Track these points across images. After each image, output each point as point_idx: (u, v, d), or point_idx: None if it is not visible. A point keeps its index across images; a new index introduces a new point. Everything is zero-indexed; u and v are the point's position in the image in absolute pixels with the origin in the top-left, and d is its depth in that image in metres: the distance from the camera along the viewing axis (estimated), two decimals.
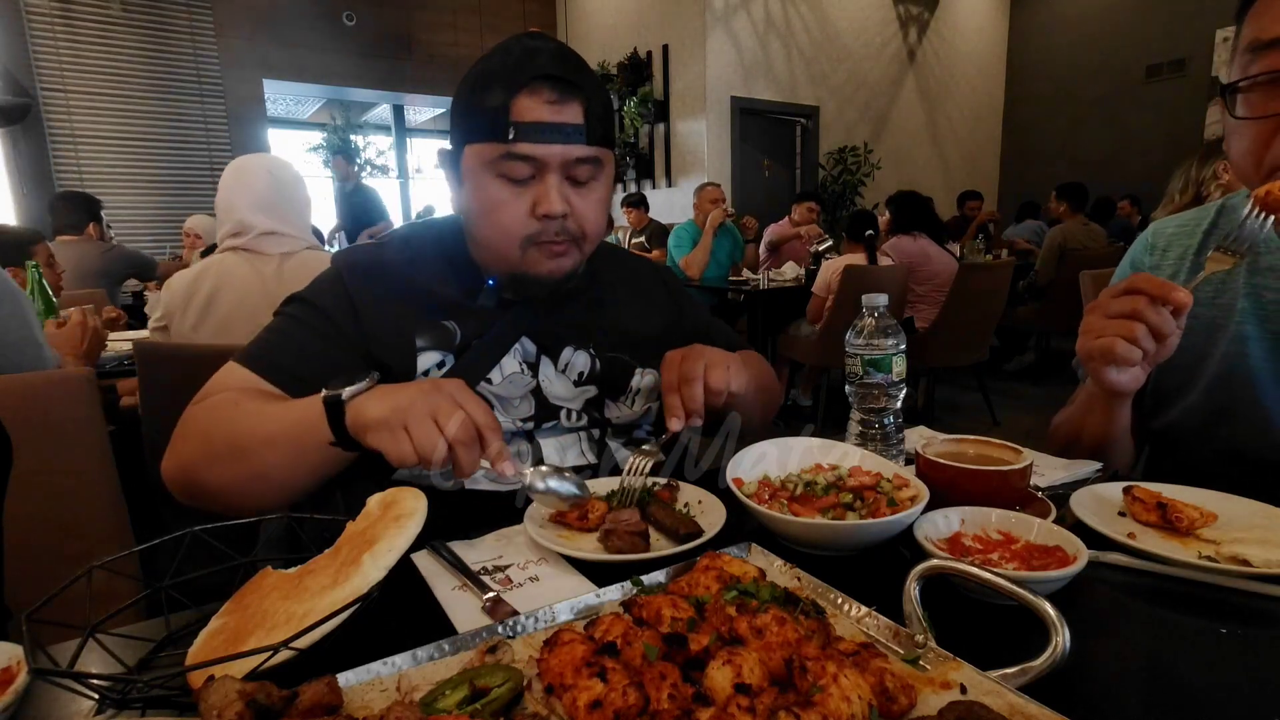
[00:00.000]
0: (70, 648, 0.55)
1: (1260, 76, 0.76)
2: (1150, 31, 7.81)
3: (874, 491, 0.76)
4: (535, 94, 0.85)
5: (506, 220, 0.89)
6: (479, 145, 0.88)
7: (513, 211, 0.88)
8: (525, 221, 0.89)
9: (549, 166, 0.87)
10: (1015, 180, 9.33)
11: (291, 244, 1.81)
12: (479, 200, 0.90)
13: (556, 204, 0.87)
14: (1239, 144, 0.82)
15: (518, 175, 0.87)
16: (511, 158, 0.86)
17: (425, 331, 0.93)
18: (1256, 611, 0.60)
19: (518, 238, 0.90)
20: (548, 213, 0.87)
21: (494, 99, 0.85)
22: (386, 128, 9.45)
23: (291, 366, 0.89)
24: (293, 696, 0.43)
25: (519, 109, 0.84)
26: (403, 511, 0.62)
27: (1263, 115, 0.76)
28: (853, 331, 0.97)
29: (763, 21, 7.02)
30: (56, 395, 1.06)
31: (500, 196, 0.88)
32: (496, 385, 0.96)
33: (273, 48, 6.86)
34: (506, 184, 0.88)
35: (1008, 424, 4.29)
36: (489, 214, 0.90)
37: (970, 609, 0.60)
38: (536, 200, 0.88)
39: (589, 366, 1.01)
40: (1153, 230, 1.09)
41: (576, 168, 0.89)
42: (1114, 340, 0.79)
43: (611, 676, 0.44)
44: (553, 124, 0.85)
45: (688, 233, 4.69)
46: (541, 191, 0.88)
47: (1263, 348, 0.92)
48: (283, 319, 0.95)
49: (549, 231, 0.89)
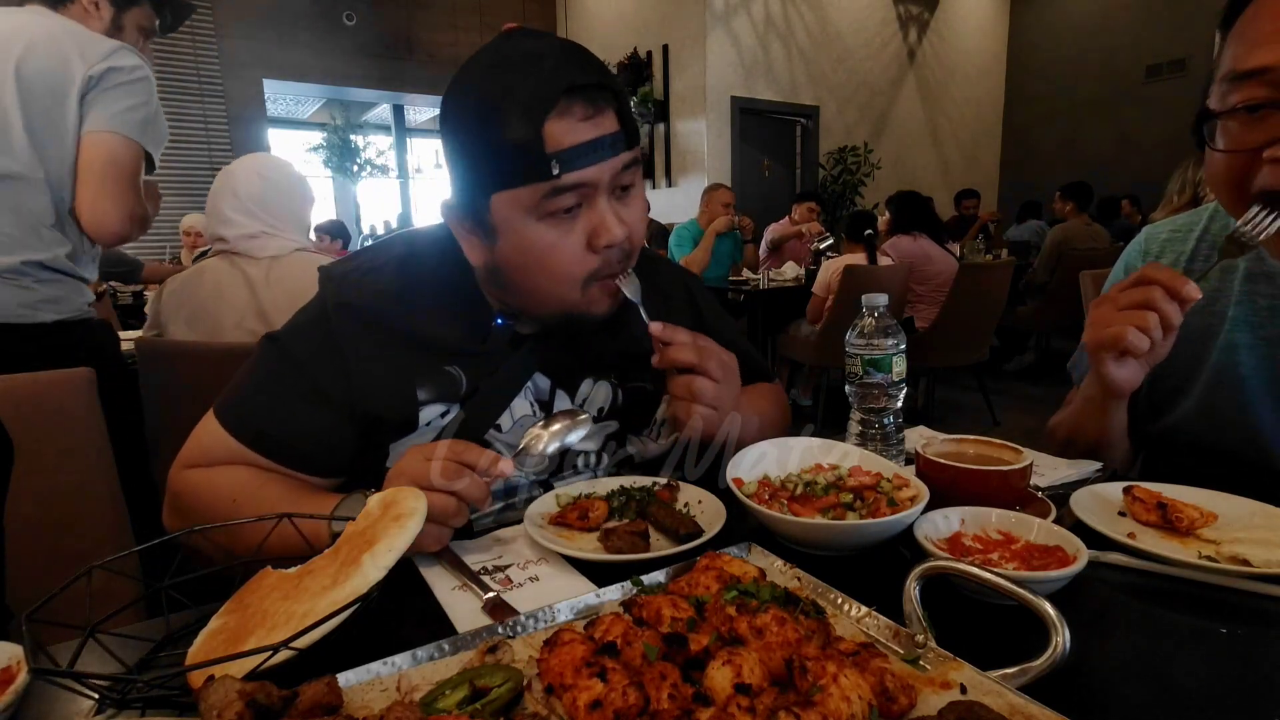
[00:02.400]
0: (70, 648, 0.55)
1: (1238, 108, 0.75)
2: (1150, 31, 7.82)
3: (874, 491, 0.76)
4: (566, 114, 0.73)
5: (563, 264, 0.78)
6: (513, 191, 0.75)
7: (568, 253, 0.77)
8: (584, 259, 0.78)
9: (599, 189, 0.77)
10: (1015, 180, 9.33)
11: (280, 245, 1.79)
12: (524, 249, 0.78)
13: (617, 228, 0.77)
14: (1218, 173, 0.81)
15: (566, 207, 0.76)
16: (558, 193, 0.74)
17: (427, 382, 0.84)
18: (1256, 611, 0.60)
19: (579, 280, 0.79)
20: (612, 242, 0.77)
21: (519, 130, 0.72)
22: (386, 127, 9.46)
23: (273, 434, 0.84)
24: (293, 696, 0.43)
25: (554, 137, 0.72)
26: (403, 511, 0.62)
27: (1240, 150, 0.76)
28: (853, 331, 0.97)
29: (763, 21, 7.02)
30: (56, 395, 1.06)
31: (550, 240, 0.77)
32: (506, 432, 0.89)
33: (273, 48, 6.87)
34: (554, 223, 0.76)
35: (1008, 424, 4.29)
36: (540, 260, 0.78)
37: (970, 609, 0.60)
38: (594, 231, 0.77)
39: (610, 399, 0.94)
40: (1146, 235, 1.10)
41: (622, 175, 0.79)
42: (1125, 329, 0.79)
43: (611, 676, 0.44)
44: (594, 141, 0.74)
45: (689, 232, 4.69)
46: (596, 219, 0.77)
47: (1254, 355, 0.93)
48: (261, 368, 0.87)
49: (612, 262, 0.80)
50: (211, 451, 0.86)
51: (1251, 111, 0.74)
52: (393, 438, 0.87)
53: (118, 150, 1.50)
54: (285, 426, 0.85)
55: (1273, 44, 0.71)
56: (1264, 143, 0.73)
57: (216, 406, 0.88)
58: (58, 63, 1.44)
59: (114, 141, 1.49)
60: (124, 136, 1.50)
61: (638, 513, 0.80)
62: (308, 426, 0.85)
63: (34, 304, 1.46)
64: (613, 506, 0.82)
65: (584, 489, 0.86)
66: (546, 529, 0.77)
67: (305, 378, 0.85)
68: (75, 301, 1.54)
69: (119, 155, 1.50)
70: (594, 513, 0.79)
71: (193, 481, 0.86)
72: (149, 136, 1.55)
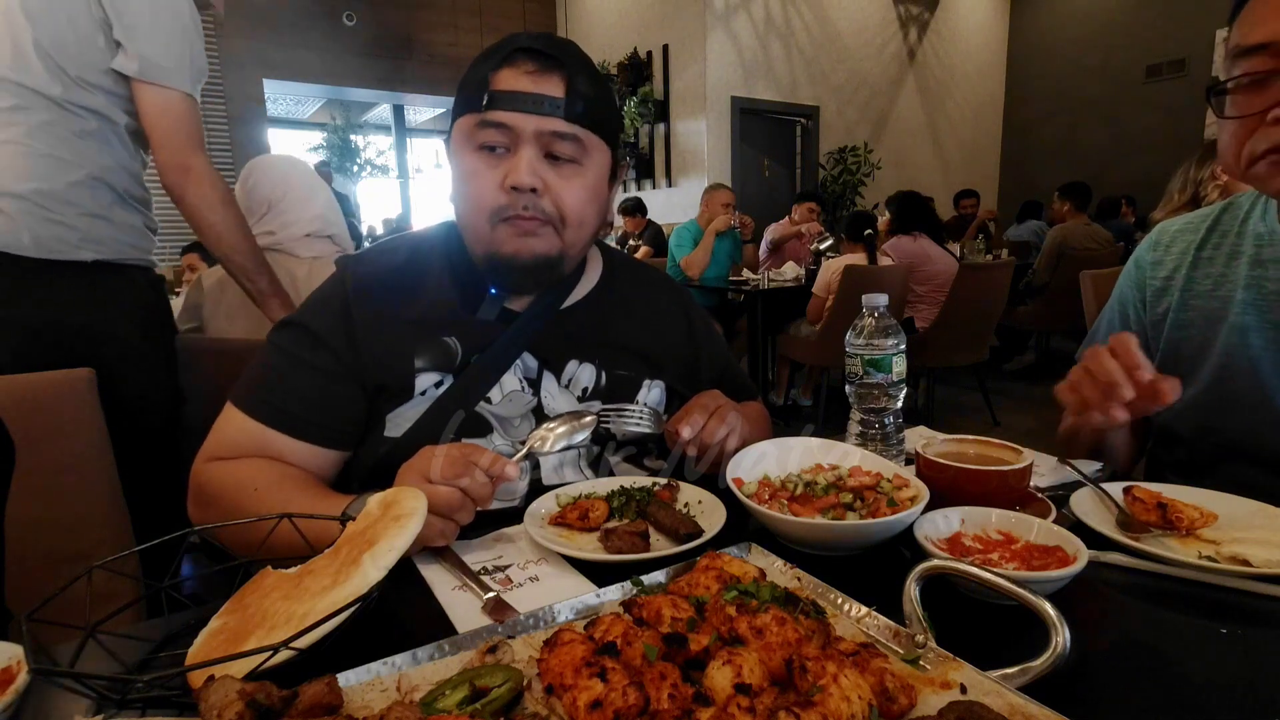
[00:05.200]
0: (70, 648, 0.55)
1: (1242, 79, 0.82)
2: (1150, 31, 7.81)
3: (874, 491, 0.76)
4: (515, 65, 0.86)
5: (477, 191, 0.88)
6: (461, 118, 0.89)
7: (484, 182, 0.87)
8: (494, 193, 0.87)
9: (522, 137, 0.86)
10: (1015, 180, 9.33)
11: (324, 248, 1.80)
12: (458, 174, 0.90)
13: (525, 176, 0.85)
14: (1224, 139, 0.89)
15: (492, 143, 0.86)
16: (486, 125, 0.85)
17: (425, 351, 0.91)
18: (1256, 611, 0.60)
19: (487, 210, 0.88)
20: (515, 184, 0.85)
21: (477, 73, 0.87)
22: (386, 128, 9.47)
23: (294, 410, 0.88)
24: (293, 696, 0.43)
25: (498, 79, 0.85)
26: (403, 511, 0.62)
27: (1244, 115, 0.83)
28: (853, 331, 0.97)
29: (763, 21, 7.02)
30: (56, 395, 1.06)
31: (474, 167, 0.88)
32: (496, 404, 0.94)
33: (273, 48, 6.87)
34: (482, 155, 0.87)
35: (1008, 424, 4.29)
36: (464, 186, 0.89)
37: (970, 609, 0.60)
38: (507, 172, 0.86)
39: (594, 380, 0.99)
40: (1159, 229, 1.12)
41: (555, 143, 0.87)
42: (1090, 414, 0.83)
43: (611, 676, 0.44)
44: (529, 94, 0.84)
45: (689, 233, 4.69)
46: (513, 163, 0.86)
47: (1263, 337, 0.95)
48: (277, 353, 0.92)
49: (517, 206, 0.87)
50: (234, 442, 0.88)
51: (1256, 82, 0.81)
52: (390, 406, 0.91)
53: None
54: (304, 401, 0.89)
55: (1273, 20, 0.78)
56: (1268, 106, 0.80)
57: (233, 394, 0.90)
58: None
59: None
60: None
61: (638, 513, 0.80)
62: (325, 398, 0.89)
63: (76, 242, 1.34)
64: (613, 506, 0.82)
65: (584, 489, 0.86)
66: (546, 529, 0.77)
67: (322, 350, 0.90)
68: (117, 243, 1.40)
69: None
70: (594, 513, 0.79)
71: (216, 474, 0.87)
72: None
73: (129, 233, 1.43)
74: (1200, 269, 1.02)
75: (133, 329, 1.42)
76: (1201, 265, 1.02)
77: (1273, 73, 0.79)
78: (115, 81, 1.38)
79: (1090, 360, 0.82)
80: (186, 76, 1.42)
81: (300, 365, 0.90)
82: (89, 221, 1.35)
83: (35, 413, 1.02)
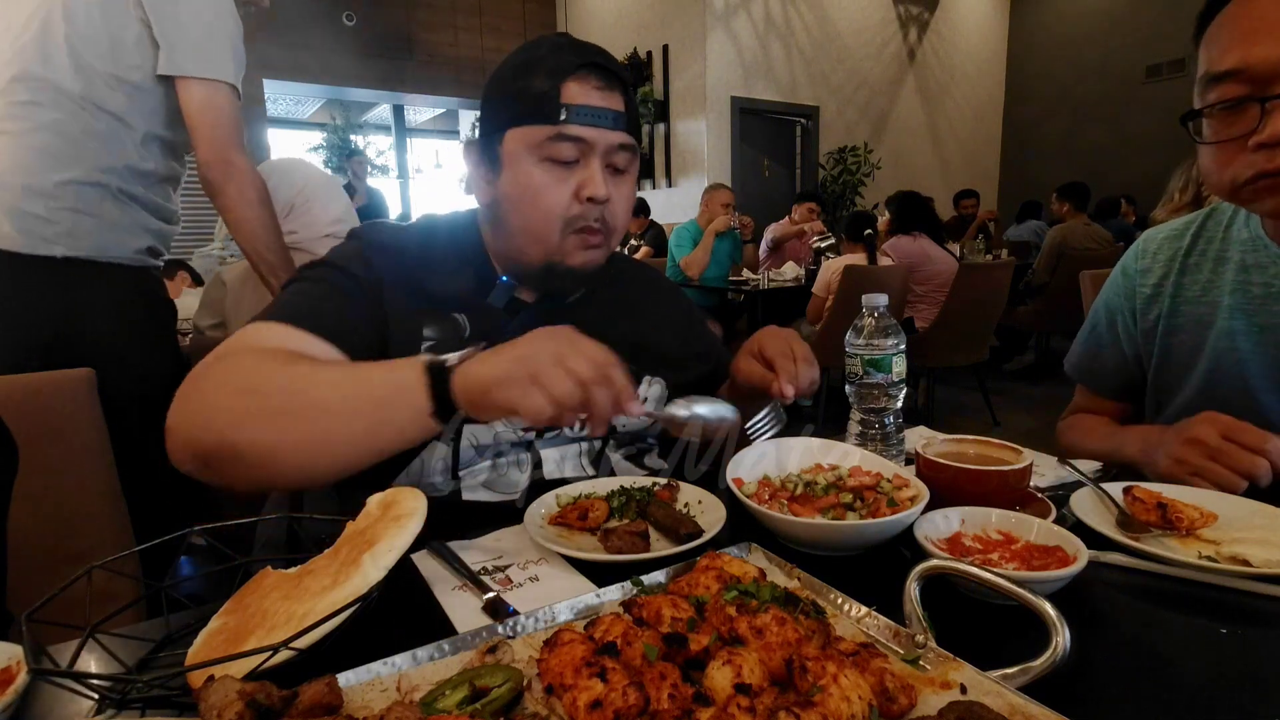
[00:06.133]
0: (70, 648, 0.55)
1: (1216, 106, 0.84)
2: (1150, 31, 7.81)
3: (874, 491, 0.76)
4: (583, 80, 0.87)
5: (550, 203, 0.89)
6: (525, 128, 0.88)
7: (557, 195, 0.89)
8: (568, 204, 0.89)
9: (594, 150, 0.88)
10: (1015, 180, 9.32)
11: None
12: (521, 184, 0.89)
13: (602, 188, 0.89)
14: (1206, 162, 0.90)
15: (564, 157, 0.88)
16: (560, 139, 0.87)
17: (434, 322, 0.91)
18: (1256, 611, 0.60)
19: (559, 220, 0.90)
20: (593, 195, 0.88)
21: (542, 83, 0.87)
22: (386, 128, 9.46)
23: (338, 323, 0.83)
24: (293, 696, 0.43)
25: (569, 93, 0.87)
26: (403, 511, 0.62)
27: (1222, 141, 0.85)
28: (853, 331, 0.97)
29: (763, 21, 7.02)
30: (56, 395, 1.06)
31: (545, 180, 0.89)
32: None
33: (273, 48, 6.86)
34: (552, 167, 0.89)
35: (1008, 424, 4.29)
36: (532, 197, 0.89)
37: (970, 609, 0.60)
38: (582, 184, 0.89)
39: None
40: (1144, 237, 1.14)
41: (616, 154, 0.91)
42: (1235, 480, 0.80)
43: (611, 677, 0.44)
44: (601, 109, 0.88)
45: (689, 233, 4.69)
46: (587, 175, 0.89)
47: (1250, 340, 0.96)
48: (311, 282, 0.89)
49: (589, 217, 0.90)
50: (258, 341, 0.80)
51: (1230, 109, 0.82)
52: None
53: None
54: (344, 321, 0.85)
55: (1241, 47, 0.79)
56: (1245, 133, 0.81)
57: (256, 318, 0.84)
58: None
59: None
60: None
61: (638, 513, 0.80)
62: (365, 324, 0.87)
63: (50, 236, 1.31)
64: (613, 506, 0.82)
65: (584, 489, 0.86)
66: (546, 529, 0.77)
67: (356, 284, 0.89)
68: (101, 240, 1.36)
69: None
70: (594, 513, 0.79)
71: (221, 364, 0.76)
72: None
73: (118, 230, 1.39)
74: (1188, 275, 1.04)
75: (109, 326, 1.39)
76: (1189, 271, 1.04)
77: (1247, 98, 0.80)
78: (146, 80, 1.37)
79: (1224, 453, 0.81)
80: (230, 68, 1.42)
81: (337, 291, 0.88)
82: (71, 217, 1.33)
83: (35, 413, 1.02)
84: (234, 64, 1.43)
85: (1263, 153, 0.79)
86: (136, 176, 1.43)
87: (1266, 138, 0.77)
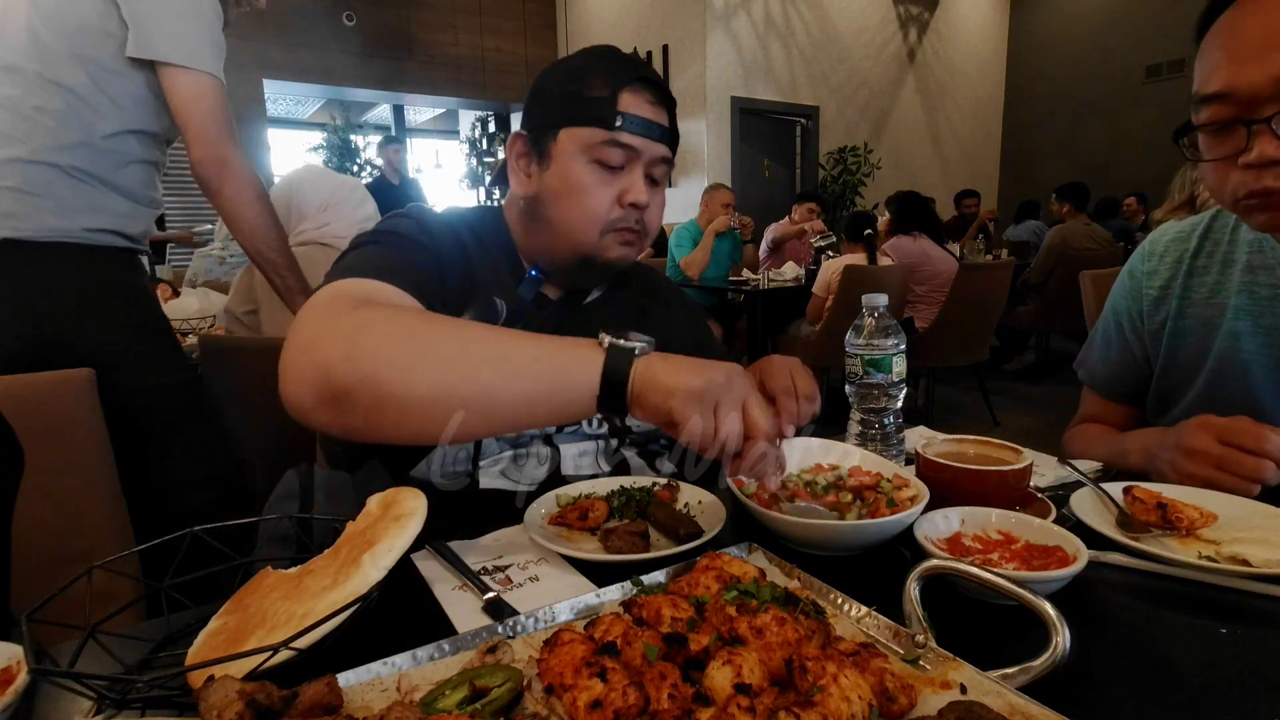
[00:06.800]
0: (70, 648, 0.55)
1: (1208, 126, 0.85)
2: (1150, 31, 7.81)
3: (874, 491, 0.76)
4: (638, 92, 0.92)
5: (593, 203, 0.93)
6: (580, 129, 0.92)
7: (600, 196, 0.93)
8: (610, 207, 0.94)
9: (640, 158, 0.93)
10: (1015, 180, 9.33)
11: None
12: (569, 181, 0.93)
13: (644, 194, 0.94)
14: (1206, 177, 0.91)
15: (612, 162, 0.92)
16: (613, 145, 0.91)
17: (475, 303, 0.93)
18: (1256, 611, 0.60)
19: (601, 221, 0.94)
20: (635, 201, 0.93)
21: (600, 89, 0.91)
22: (386, 128, 9.46)
23: (424, 283, 0.83)
24: (293, 696, 0.43)
25: (624, 102, 0.91)
26: (403, 511, 0.62)
27: (1215, 159, 0.85)
28: (853, 331, 0.97)
29: (763, 21, 7.02)
30: (56, 395, 1.06)
31: (591, 181, 0.93)
32: None
33: (273, 48, 6.86)
34: (599, 170, 0.93)
35: (1008, 424, 4.29)
36: (578, 195, 0.93)
37: (970, 609, 0.60)
38: (625, 189, 0.93)
39: None
40: (1151, 239, 1.14)
41: (657, 166, 0.96)
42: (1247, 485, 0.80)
43: (611, 676, 0.44)
44: (653, 122, 0.93)
45: (689, 233, 4.69)
46: (631, 181, 0.94)
47: (1255, 341, 0.96)
48: (383, 245, 0.89)
49: (629, 219, 0.95)
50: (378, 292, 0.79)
51: (1221, 129, 0.83)
52: None
53: None
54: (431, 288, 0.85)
55: (1227, 69, 0.80)
56: (1235, 152, 0.82)
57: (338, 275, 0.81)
58: None
59: None
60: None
61: (638, 513, 0.80)
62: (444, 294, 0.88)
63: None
64: (613, 506, 0.82)
65: (584, 489, 0.86)
66: (546, 529, 0.77)
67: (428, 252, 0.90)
68: (46, 221, 1.29)
69: None
70: (594, 513, 0.79)
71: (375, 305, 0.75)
72: None
73: (70, 211, 1.32)
74: (1196, 277, 1.04)
75: (59, 309, 1.31)
76: (1197, 274, 1.04)
77: (1235, 120, 0.80)
78: (113, 60, 1.33)
79: (1228, 461, 0.81)
80: (208, 57, 1.38)
81: (411, 251, 0.89)
82: (11, 196, 1.28)
83: (35, 413, 1.02)
84: (212, 52, 1.38)
85: (1251, 172, 0.80)
86: (99, 156, 1.35)
87: (1254, 159, 0.78)
